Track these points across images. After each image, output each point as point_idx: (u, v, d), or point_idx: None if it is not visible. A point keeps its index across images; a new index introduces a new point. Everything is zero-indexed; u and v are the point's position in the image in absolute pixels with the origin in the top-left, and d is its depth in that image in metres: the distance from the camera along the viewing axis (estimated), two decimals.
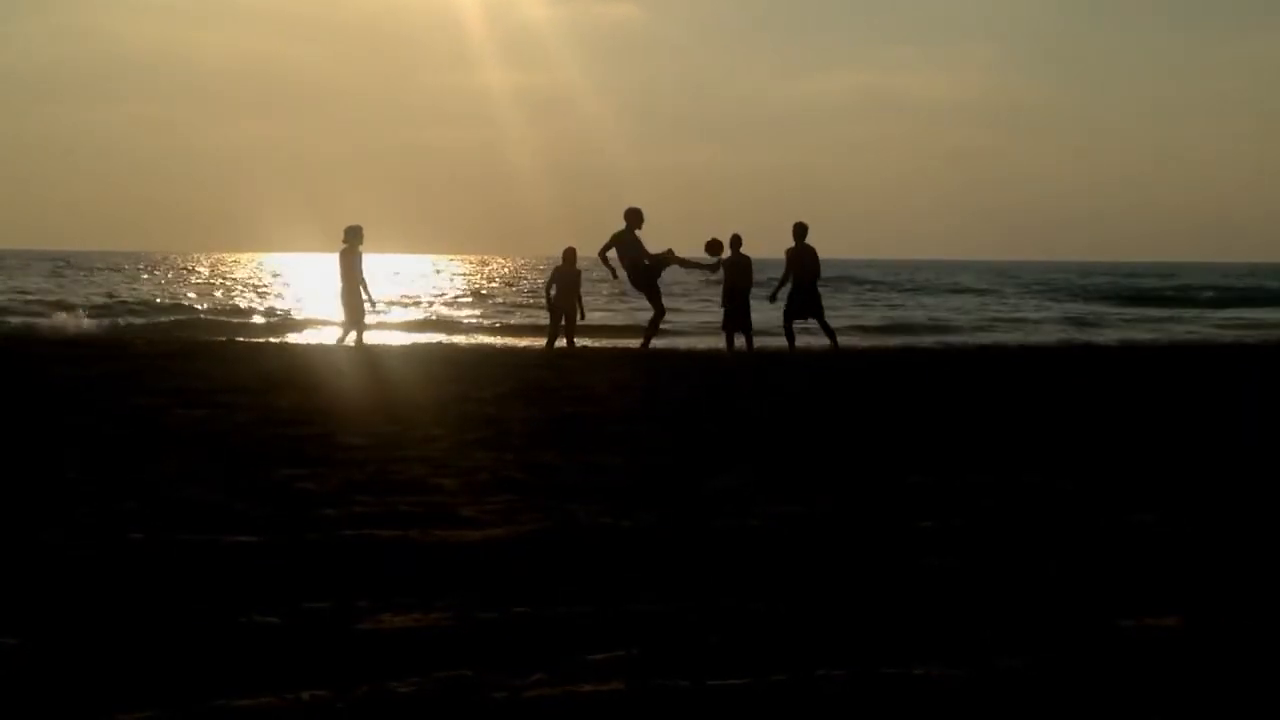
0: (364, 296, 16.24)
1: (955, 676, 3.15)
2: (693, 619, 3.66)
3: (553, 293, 16.69)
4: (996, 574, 4.20)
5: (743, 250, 16.32)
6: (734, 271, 16.27)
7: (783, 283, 16.46)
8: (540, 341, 18.04)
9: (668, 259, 16.20)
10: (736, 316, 16.35)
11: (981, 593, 3.98)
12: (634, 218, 16.14)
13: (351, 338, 16.40)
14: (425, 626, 3.58)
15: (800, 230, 16.34)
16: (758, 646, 3.41)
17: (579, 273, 16.64)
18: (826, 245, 16.84)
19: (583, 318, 16.88)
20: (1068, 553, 4.52)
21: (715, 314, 18.07)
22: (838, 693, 3.05)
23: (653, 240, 16.28)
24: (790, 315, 16.37)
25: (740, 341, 16.40)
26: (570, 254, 16.56)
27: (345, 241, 16.13)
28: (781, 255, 16.46)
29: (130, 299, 41.27)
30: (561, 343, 16.60)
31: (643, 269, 16.08)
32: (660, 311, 16.47)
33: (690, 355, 16.50)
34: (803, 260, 16.28)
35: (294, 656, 3.31)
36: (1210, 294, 56.03)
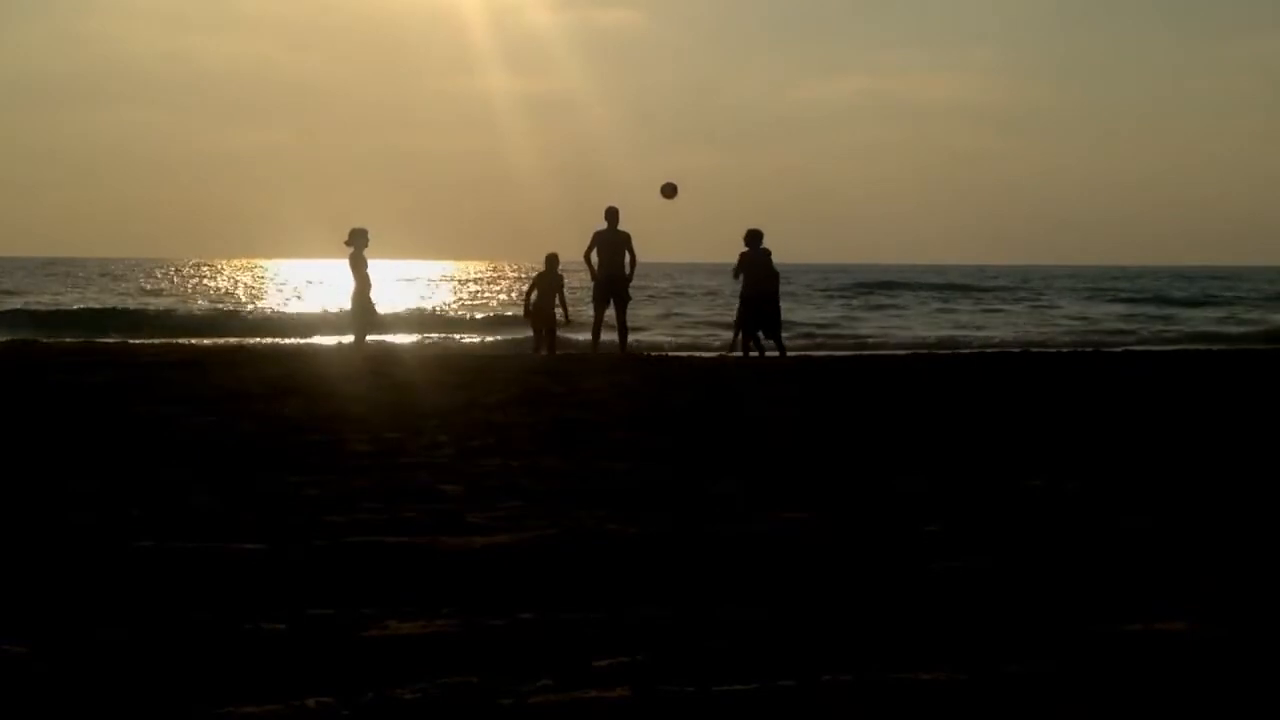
0: (370, 300, 16.12)
1: (961, 681, 3.15)
2: (699, 625, 3.67)
3: (533, 298, 16.55)
4: (1003, 577, 4.20)
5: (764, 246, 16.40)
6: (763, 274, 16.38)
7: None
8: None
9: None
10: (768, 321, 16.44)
11: (987, 597, 3.98)
12: (613, 215, 16.01)
13: (369, 339, 16.43)
14: (431, 633, 3.59)
15: (752, 237, 16.24)
16: (763, 652, 3.41)
17: (561, 278, 16.56)
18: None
19: (567, 320, 16.71)
20: (1074, 556, 4.52)
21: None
22: (843, 697, 3.05)
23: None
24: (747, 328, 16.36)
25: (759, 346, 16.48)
26: (552, 259, 16.42)
27: (349, 244, 15.95)
28: (784, 258, 16.57)
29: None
30: (543, 351, 16.51)
31: (624, 278, 15.94)
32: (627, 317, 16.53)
33: (691, 361, 16.51)
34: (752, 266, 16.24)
35: (300, 664, 3.32)
36: None
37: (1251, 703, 3.06)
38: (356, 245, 15.76)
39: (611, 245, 15.79)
